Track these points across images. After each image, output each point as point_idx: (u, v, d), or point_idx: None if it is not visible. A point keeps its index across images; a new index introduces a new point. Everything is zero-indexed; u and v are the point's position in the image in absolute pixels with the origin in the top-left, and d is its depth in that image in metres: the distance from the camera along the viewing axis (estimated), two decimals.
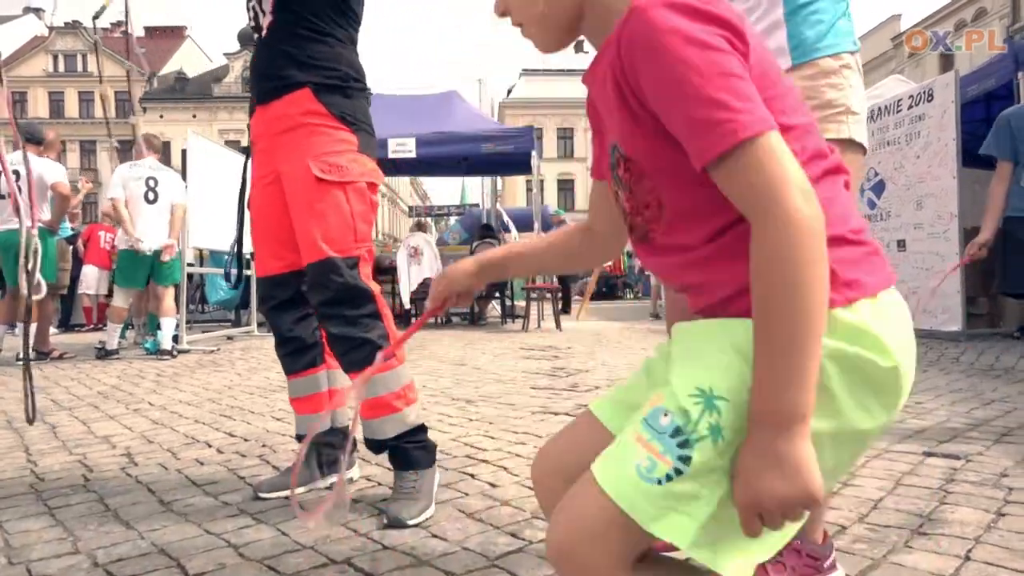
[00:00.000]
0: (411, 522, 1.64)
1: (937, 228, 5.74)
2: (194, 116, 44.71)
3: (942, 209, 5.68)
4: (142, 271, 5.71)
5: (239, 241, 2.53)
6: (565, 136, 47.75)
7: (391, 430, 1.79)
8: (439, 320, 9.02)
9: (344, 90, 1.88)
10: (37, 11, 49.44)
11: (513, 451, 2.34)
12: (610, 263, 20.32)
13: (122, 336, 6.38)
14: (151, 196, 5.64)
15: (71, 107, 44.98)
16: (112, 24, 52.80)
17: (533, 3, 0.87)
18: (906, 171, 6.09)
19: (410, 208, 39.97)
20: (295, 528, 1.64)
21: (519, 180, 48.02)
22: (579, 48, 53.48)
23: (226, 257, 7.03)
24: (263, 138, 1.91)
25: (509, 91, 49.51)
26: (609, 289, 19.32)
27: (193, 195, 6.37)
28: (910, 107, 6.04)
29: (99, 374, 4.70)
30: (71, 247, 9.43)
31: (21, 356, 5.06)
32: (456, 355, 5.45)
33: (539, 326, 7.93)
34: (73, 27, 46.10)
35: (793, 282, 0.66)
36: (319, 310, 1.84)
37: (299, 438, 2.11)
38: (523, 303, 9.31)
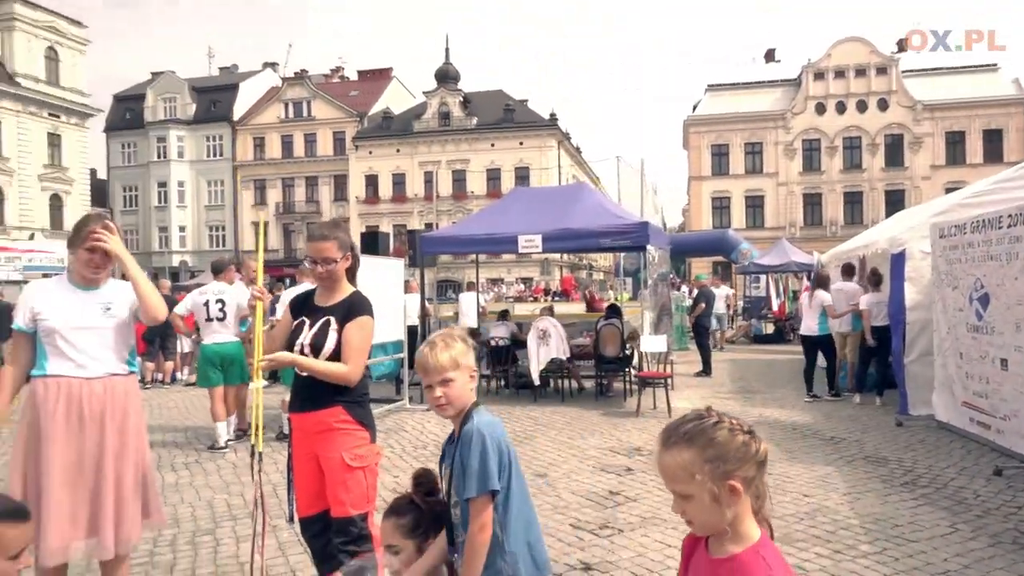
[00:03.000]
0: None
1: None
2: (397, 151, 49.26)
3: None
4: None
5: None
6: (753, 151, 46.08)
7: None
8: (574, 390, 9.90)
9: (361, 403, 2.93)
10: (273, 65, 57.31)
11: None
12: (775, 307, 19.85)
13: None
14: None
15: (299, 148, 51.57)
16: (331, 70, 59.72)
17: (720, 518, 1.34)
18: (1007, 289, 5.96)
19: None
20: None
21: (705, 198, 47.24)
22: (770, 58, 51.36)
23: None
24: (302, 431, 2.96)
25: (694, 107, 48.82)
26: (777, 333, 18.88)
27: None
28: (1009, 226, 5.91)
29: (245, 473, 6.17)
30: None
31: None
32: (548, 458, 6.32)
33: (654, 406, 8.50)
34: (300, 78, 52.80)
35: None
36: (338, 545, 2.85)
37: None
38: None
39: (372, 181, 49.83)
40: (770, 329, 19.35)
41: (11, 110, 38.77)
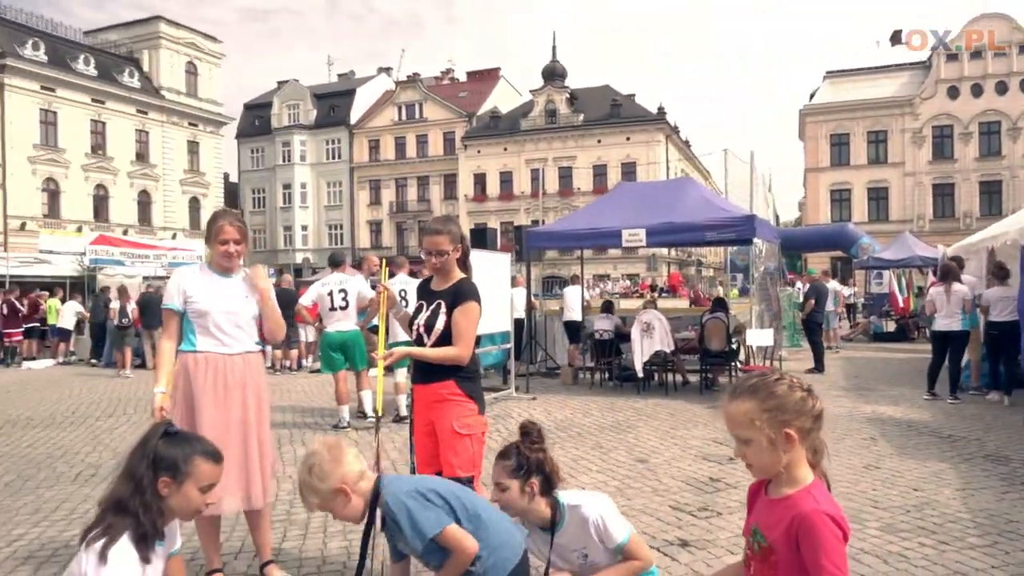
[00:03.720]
0: None
1: None
2: (505, 149, 50.09)
3: None
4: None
5: None
6: (877, 140, 43.57)
7: None
8: (678, 384, 9.92)
9: (472, 379, 3.26)
10: (387, 70, 59.66)
11: None
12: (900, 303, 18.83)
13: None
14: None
15: (411, 149, 53.45)
16: (442, 72, 61.42)
17: (775, 461, 1.56)
18: None
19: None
20: None
21: (822, 191, 45.13)
22: (896, 40, 48.49)
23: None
24: (421, 401, 3.32)
25: (811, 95, 46.71)
26: (900, 330, 17.93)
27: None
28: None
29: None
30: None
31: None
32: (650, 446, 6.47)
33: None
34: (412, 81, 54.67)
35: None
36: None
37: None
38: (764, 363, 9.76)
39: (480, 180, 50.95)
40: (891, 327, 18.41)
41: (157, 121, 42.54)
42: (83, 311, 16.53)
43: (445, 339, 3.24)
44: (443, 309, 3.28)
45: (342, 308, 7.62)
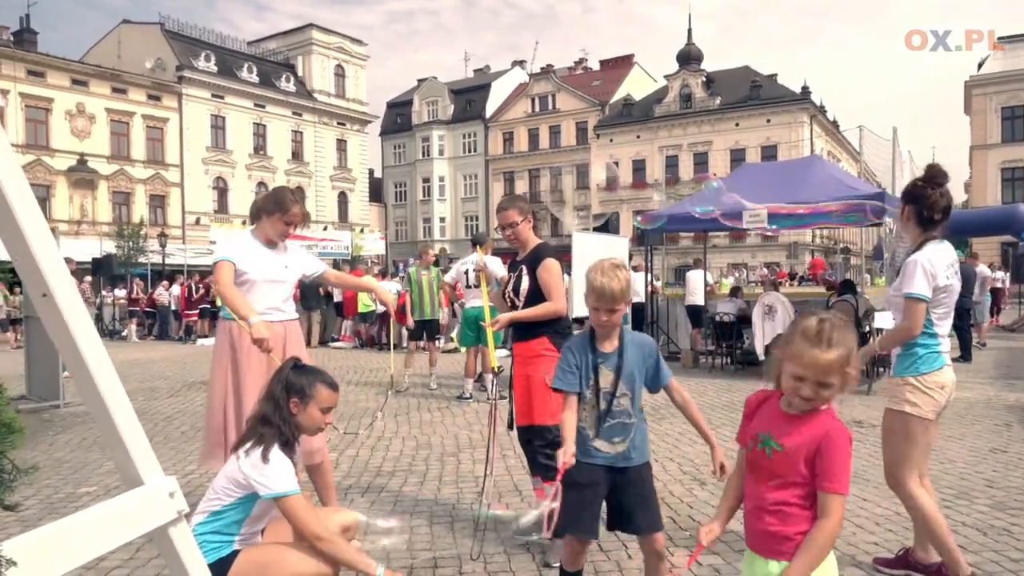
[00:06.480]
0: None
1: None
2: (637, 137, 49.50)
3: None
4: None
5: None
6: None
7: None
8: None
9: (563, 335, 3.56)
10: (521, 63, 60.60)
11: None
12: None
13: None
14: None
15: (544, 140, 54.08)
16: (575, 62, 61.55)
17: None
18: None
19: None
20: None
21: (991, 170, 41.02)
22: None
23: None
24: (519, 357, 3.66)
25: (979, 65, 42.45)
26: None
27: (578, 273, 8.50)
28: None
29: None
30: None
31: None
32: None
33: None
34: (545, 73, 55.21)
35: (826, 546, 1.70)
36: (537, 448, 3.52)
37: None
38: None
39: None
40: None
41: (310, 122, 45.88)
42: None
43: (533, 297, 3.57)
44: (525, 271, 3.62)
45: (475, 286, 8.06)
